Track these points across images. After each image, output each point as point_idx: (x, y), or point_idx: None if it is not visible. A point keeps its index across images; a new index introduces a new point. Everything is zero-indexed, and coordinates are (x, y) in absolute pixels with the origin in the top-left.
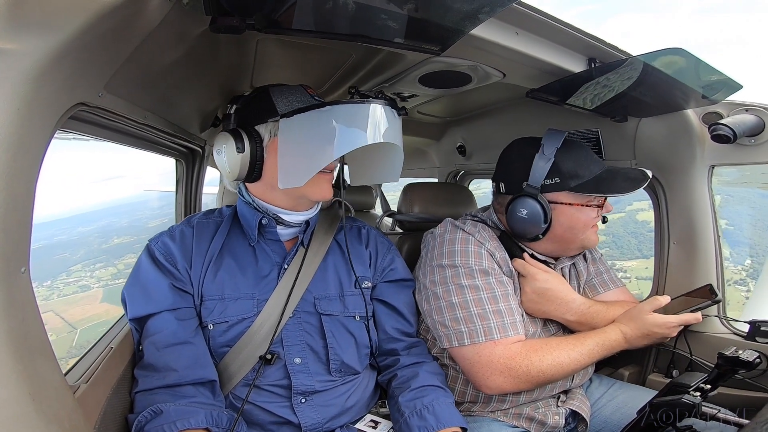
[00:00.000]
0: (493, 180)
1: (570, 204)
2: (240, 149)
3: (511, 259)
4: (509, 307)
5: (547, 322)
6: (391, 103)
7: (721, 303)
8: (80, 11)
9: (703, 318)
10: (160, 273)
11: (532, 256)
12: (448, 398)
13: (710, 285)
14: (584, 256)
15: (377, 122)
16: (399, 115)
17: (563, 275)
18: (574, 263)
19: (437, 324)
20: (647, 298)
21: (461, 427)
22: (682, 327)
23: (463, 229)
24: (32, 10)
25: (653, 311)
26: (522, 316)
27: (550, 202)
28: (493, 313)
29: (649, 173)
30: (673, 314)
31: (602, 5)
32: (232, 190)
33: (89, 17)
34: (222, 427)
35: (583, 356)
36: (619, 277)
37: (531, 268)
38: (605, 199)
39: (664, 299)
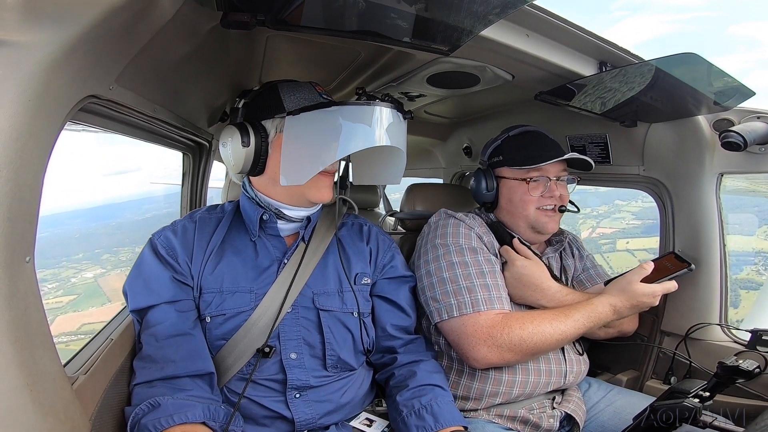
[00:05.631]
0: None
1: (510, 178)
2: (245, 143)
3: (501, 246)
4: (495, 283)
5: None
6: (397, 106)
7: (723, 313)
8: (94, 5)
9: (704, 325)
10: (161, 266)
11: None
12: (447, 396)
13: (674, 252)
14: (572, 253)
15: (383, 125)
16: (405, 118)
17: (549, 266)
18: (562, 258)
19: (429, 300)
20: None
21: (464, 426)
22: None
23: (455, 217)
24: (46, 4)
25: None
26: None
27: (497, 176)
28: (480, 286)
29: (590, 161)
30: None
31: (724, 12)
32: (237, 183)
33: (102, 11)
34: (218, 421)
35: (568, 327)
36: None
37: (512, 253)
38: (554, 183)
39: (649, 266)
